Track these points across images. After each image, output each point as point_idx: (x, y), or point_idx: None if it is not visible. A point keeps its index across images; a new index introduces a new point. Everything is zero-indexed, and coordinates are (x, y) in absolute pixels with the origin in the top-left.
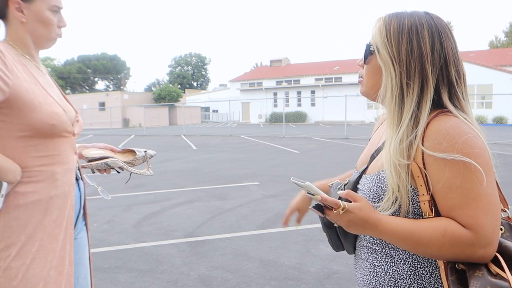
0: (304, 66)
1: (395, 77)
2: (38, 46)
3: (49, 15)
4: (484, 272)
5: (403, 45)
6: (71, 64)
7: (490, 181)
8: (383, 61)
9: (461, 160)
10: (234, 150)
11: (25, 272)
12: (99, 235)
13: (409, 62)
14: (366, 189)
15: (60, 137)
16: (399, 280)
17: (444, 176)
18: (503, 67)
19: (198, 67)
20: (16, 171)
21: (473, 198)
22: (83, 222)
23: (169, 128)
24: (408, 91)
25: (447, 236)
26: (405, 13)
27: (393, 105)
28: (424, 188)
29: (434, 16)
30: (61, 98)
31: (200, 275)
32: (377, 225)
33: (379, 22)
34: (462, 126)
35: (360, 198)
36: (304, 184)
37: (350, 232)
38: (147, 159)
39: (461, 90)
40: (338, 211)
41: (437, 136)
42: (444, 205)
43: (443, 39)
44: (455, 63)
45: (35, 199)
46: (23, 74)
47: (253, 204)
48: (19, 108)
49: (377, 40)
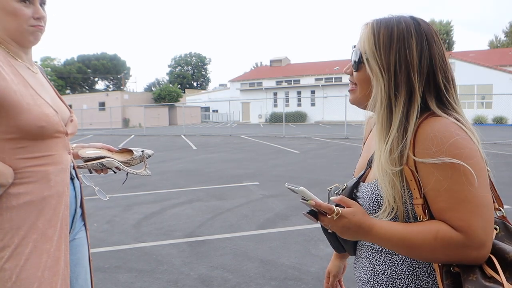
0: (304, 66)
1: (384, 88)
2: (19, 43)
3: (16, 6)
4: (478, 276)
5: (392, 55)
6: (71, 64)
7: (481, 182)
8: (373, 71)
9: (450, 162)
10: (234, 150)
11: (19, 273)
12: (99, 235)
13: (396, 72)
14: (365, 197)
15: (51, 138)
16: (397, 280)
17: (434, 179)
18: (503, 67)
19: (198, 67)
20: (7, 174)
21: (462, 200)
22: (81, 222)
23: (169, 128)
24: (396, 101)
25: (438, 239)
26: (393, 20)
27: (381, 115)
28: (417, 192)
29: (421, 21)
30: (54, 98)
31: (200, 275)
32: (371, 230)
33: (367, 28)
34: (450, 128)
35: (353, 204)
36: (298, 189)
37: (344, 237)
38: (144, 159)
39: (451, 95)
40: (332, 217)
41: (425, 141)
42: (436, 208)
43: (430, 46)
44: (443, 68)
45: (28, 200)
46: (10, 76)
47: (253, 204)
48: (7, 111)
49: (366, 48)
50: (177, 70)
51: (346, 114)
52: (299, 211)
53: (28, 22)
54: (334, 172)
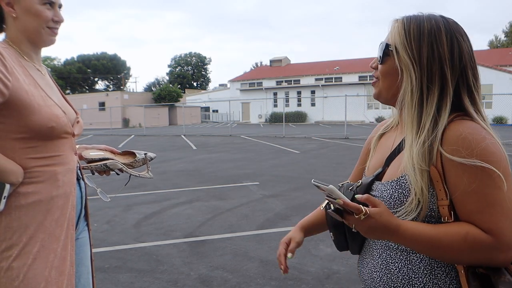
0: (304, 66)
1: (415, 80)
2: (34, 44)
3: (40, 8)
4: (509, 277)
5: (424, 47)
6: (71, 64)
7: (509, 186)
8: (403, 63)
9: (480, 166)
10: (234, 150)
11: (26, 272)
12: (99, 235)
13: (429, 65)
14: (386, 195)
15: (59, 139)
16: (413, 278)
17: (463, 181)
18: (503, 67)
19: (198, 67)
20: (18, 173)
21: (492, 204)
22: (84, 222)
23: (169, 128)
24: (428, 94)
25: (468, 241)
26: (423, 16)
27: (413, 109)
28: (443, 193)
29: (450, 20)
30: (61, 99)
31: (200, 275)
32: (397, 230)
33: (397, 23)
34: (481, 131)
35: (379, 203)
36: (327, 187)
37: (368, 237)
38: (147, 162)
39: (478, 94)
40: (360, 217)
41: (456, 141)
42: (464, 210)
43: (460, 42)
44: (472, 66)
45: (37, 200)
46: (22, 76)
47: (253, 204)
48: (18, 111)
49: (396, 41)
50: (177, 70)
51: (346, 114)
52: (299, 211)
53: (47, 23)
54: (334, 172)
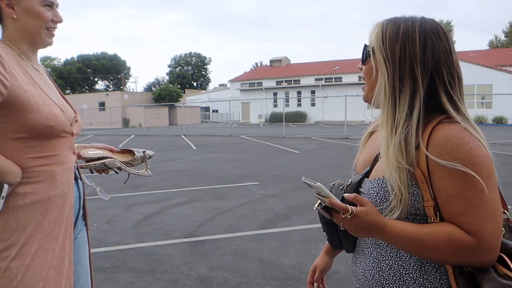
0: (304, 66)
1: (388, 78)
2: (33, 44)
3: (40, 9)
4: (494, 275)
5: (397, 47)
6: (71, 64)
7: (492, 187)
8: (377, 62)
9: (461, 170)
10: (234, 150)
11: (24, 272)
12: (99, 235)
13: (400, 63)
14: (372, 193)
15: (58, 138)
16: (404, 274)
17: (447, 183)
18: (503, 67)
19: (198, 67)
20: (16, 173)
21: (475, 206)
22: (83, 222)
23: (169, 128)
24: (401, 92)
25: (451, 242)
26: (402, 18)
27: (386, 106)
28: (429, 194)
29: (428, 20)
30: (60, 99)
31: (200, 275)
32: (383, 229)
33: (377, 27)
34: (465, 135)
35: (366, 203)
36: (315, 185)
37: (355, 235)
38: (145, 160)
39: (455, 92)
40: (346, 216)
41: (440, 144)
42: (448, 212)
43: (435, 42)
44: (448, 65)
45: (34, 200)
46: (21, 76)
47: (253, 204)
48: (17, 110)
49: (374, 43)
50: (177, 70)
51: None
52: (299, 211)
53: (47, 24)
54: (334, 172)
